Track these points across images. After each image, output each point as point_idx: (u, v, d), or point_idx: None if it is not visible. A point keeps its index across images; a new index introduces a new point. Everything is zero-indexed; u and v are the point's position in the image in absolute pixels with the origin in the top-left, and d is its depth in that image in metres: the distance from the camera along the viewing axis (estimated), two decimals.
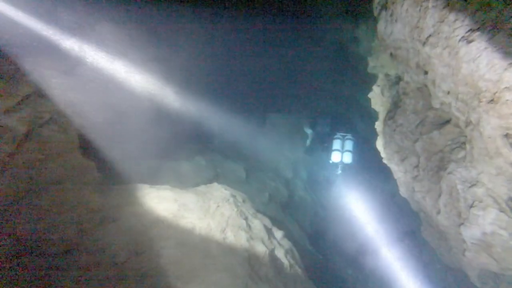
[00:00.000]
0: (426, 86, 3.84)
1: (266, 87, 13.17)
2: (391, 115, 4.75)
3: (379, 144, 5.53)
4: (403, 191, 4.79)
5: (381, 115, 5.48)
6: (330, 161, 9.50)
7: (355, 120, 12.38)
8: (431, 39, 3.14)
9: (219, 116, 13.10)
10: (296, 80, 12.81)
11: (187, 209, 5.10)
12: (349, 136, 9.67)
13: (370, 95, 6.23)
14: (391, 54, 4.40)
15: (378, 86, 5.79)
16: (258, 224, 5.54)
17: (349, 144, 9.49)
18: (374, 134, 12.43)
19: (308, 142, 12.33)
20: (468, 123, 3.06)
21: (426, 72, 3.59)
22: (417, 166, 3.87)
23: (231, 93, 12.96)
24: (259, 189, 9.91)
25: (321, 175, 12.15)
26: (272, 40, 11.93)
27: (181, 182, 8.46)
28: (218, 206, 5.31)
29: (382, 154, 5.33)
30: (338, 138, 9.66)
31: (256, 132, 12.50)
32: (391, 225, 9.89)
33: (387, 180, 10.88)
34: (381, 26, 4.28)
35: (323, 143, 10.42)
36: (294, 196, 11.12)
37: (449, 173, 3.31)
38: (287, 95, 12.92)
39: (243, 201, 6.46)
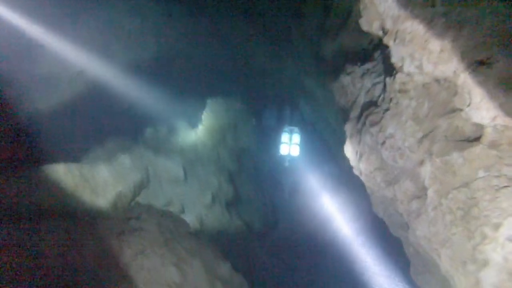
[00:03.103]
0: (439, 81, 2.39)
1: (206, 68, 11.00)
2: (372, 119, 3.26)
3: (348, 151, 4.07)
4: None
5: (352, 113, 4.00)
6: (278, 154, 8.96)
7: (300, 105, 11.05)
8: None
9: (150, 101, 10.65)
10: (238, 62, 10.86)
11: None
12: (296, 129, 9.39)
13: (333, 86, 4.71)
14: (383, 30, 2.87)
15: (348, 74, 4.25)
16: (196, 266, 3.83)
17: (296, 137, 9.22)
18: (320, 120, 11.40)
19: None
20: None
21: None
22: (426, 211, 2.48)
23: (163, 74, 10.52)
24: (200, 190, 8.07)
25: (269, 166, 10.78)
26: (211, 18, 9.73)
27: (96, 195, 6.22)
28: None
29: (354, 166, 3.91)
30: (286, 132, 9.35)
31: (194, 119, 10.42)
32: (343, 207, 9.16)
33: (333, 163, 10.04)
34: None
35: (270, 136, 9.99)
36: (241, 192, 9.55)
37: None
38: (229, 78, 10.94)
39: (174, 229, 4.60)
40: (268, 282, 6.51)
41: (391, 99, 3.01)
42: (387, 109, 3.11)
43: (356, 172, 4.05)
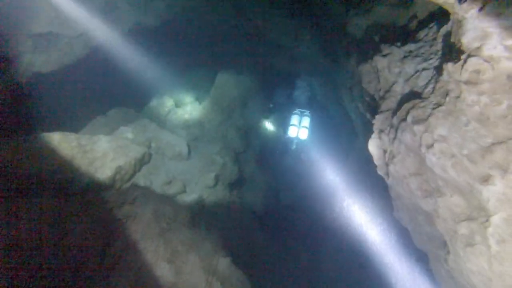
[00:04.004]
0: None
1: (217, 39, 10.12)
2: (416, 114, 2.58)
3: (373, 146, 3.42)
4: None
5: (385, 104, 3.31)
6: (286, 136, 8.42)
7: (314, 86, 10.22)
8: None
9: (157, 70, 9.92)
10: (251, 34, 9.92)
11: None
12: (307, 112, 8.69)
13: (362, 67, 3.96)
14: None
15: (384, 56, 3.50)
16: (192, 261, 3.36)
17: (306, 121, 8.54)
18: (334, 103, 10.60)
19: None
20: None
21: None
22: (486, 242, 1.86)
23: (172, 43, 9.70)
24: (203, 169, 7.56)
25: (276, 147, 10.18)
26: None
27: (95, 169, 5.74)
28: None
29: (379, 165, 3.27)
30: (296, 114, 8.62)
31: (202, 93, 9.73)
32: (344, 190, 8.63)
33: (344, 152, 9.41)
34: None
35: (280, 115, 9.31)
36: (245, 171, 9.05)
37: None
38: (241, 52, 10.07)
39: (171, 218, 4.09)
40: (268, 272, 6.17)
41: (447, 92, 2.32)
42: (438, 104, 2.43)
43: (380, 172, 3.43)
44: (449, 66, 2.25)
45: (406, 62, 3.27)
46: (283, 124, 9.58)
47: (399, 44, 3.60)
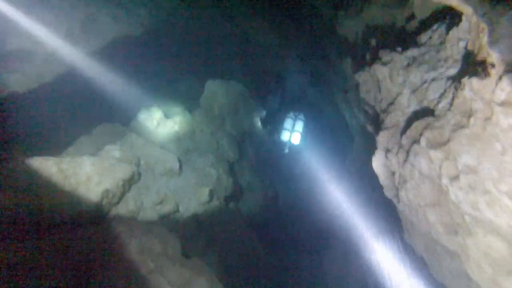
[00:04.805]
0: None
1: (204, 45, 9.61)
2: (431, 137, 2.15)
3: (378, 165, 2.98)
4: None
5: (389, 119, 2.86)
6: (279, 139, 8.42)
7: (307, 89, 9.79)
8: None
9: (143, 81, 9.38)
10: (239, 38, 9.46)
11: None
12: (301, 116, 8.51)
13: (359, 76, 3.52)
14: None
15: (384, 65, 3.05)
16: None
17: (299, 125, 8.39)
18: (329, 106, 10.18)
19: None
20: None
21: None
22: None
23: (157, 51, 9.17)
24: (197, 183, 7.06)
25: (271, 152, 9.76)
26: None
27: (78, 196, 5.22)
28: None
29: (386, 186, 2.84)
30: (290, 118, 8.48)
31: (191, 103, 9.21)
32: (345, 199, 8.25)
33: (338, 153, 9.02)
34: None
35: (272, 121, 9.02)
36: (241, 182, 8.59)
37: None
38: (229, 57, 9.58)
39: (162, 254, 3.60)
40: None
41: (470, 112, 1.89)
42: (458, 125, 2.00)
43: (388, 195, 3.00)
44: (473, 82, 1.81)
45: (410, 70, 2.84)
46: (276, 128, 9.23)
47: (399, 49, 3.15)
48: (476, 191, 1.79)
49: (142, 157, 6.94)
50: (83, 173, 5.57)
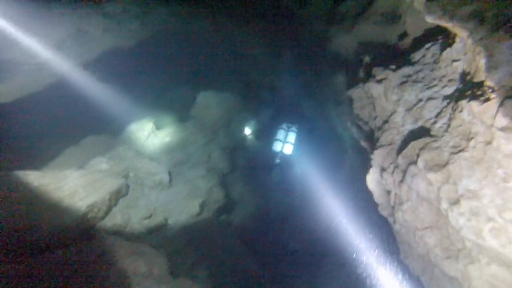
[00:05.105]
0: None
1: (197, 57, 9.53)
2: (429, 158, 2.07)
3: (372, 182, 2.90)
4: None
5: (384, 137, 2.80)
6: (271, 150, 8.27)
7: (300, 100, 9.77)
8: None
9: (134, 92, 9.19)
10: (232, 51, 9.43)
11: None
12: (294, 128, 8.49)
13: (352, 92, 3.47)
14: None
15: (378, 82, 3.00)
16: None
17: (292, 136, 8.34)
18: (319, 115, 10.19)
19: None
20: None
21: None
22: None
23: (149, 62, 9.03)
24: (188, 196, 6.86)
25: (263, 163, 9.64)
26: (204, 3, 8.18)
27: (61, 211, 4.95)
28: None
29: (381, 204, 2.74)
30: (283, 129, 8.37)
31: (183, 114, 9.06)
32: (339, 212, 8.13)
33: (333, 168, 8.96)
34: None
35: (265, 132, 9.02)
36: (233, 194, 8.40)
37: None
38: (222, 69, 9.52)
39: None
40: None
41: (469, 134, 1.83)
42: (457, 148, 1.93)
43: (383, 213, 2.91)
44: (473, 106, 1.75)
45: (405, 89, 2.79)
46: (269, 138, 9.18)
47: (393, 67, 3.12)
48: (479, 217, 1.71)
49: (131, 169, 6.71)
50: (67, 187, 5.32)
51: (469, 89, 1.90)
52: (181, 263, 5.87)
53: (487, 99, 1.65)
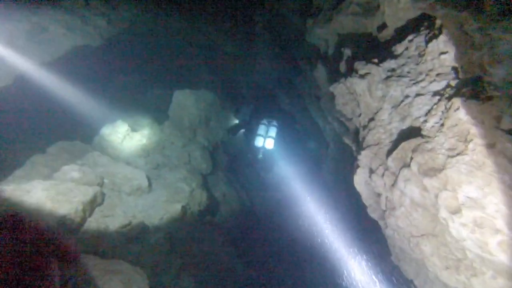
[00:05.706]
0: None
1: (170, 54, 8.99)
2: (423, 162, 1.86)
3: (360, 184, 2.69)
4: None
5: (371, 136, 2.58)
6: (253, 145, 8.12)
7: (278, 95, 9.50)
8: None
9: (106, 94, 8.55)
10: (206, 48, 8.97)
11: None
12: (274, 122, 8.37)
13: (334, 88, 3.22)
14: None
15: (362, 78, 2.76)
16: None
17: (272, 131, 8.21)
18: (298, 109, 10.00)
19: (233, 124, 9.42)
20: None
21: None
22: None
23: (120, 62, 8.41)
24: (168, 201, 6.45)
25: (245, 159, 9.36)
26: None
27: None
28: None
29: (370, 206, 2.54)
30: (264, 124, 8.25)
31: (159, 114, 8.55)
32: (322, 209, 8.05)
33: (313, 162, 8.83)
34: None
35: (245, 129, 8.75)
36: (216, 194, 8.07)
37: None
38: (197, 66, 9.05)
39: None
40: None
41: (467, 135, 1.62)
42: (454, 149, 1.72)
43: (373, 215, 2.71)
44: (471, 105, 1.54)
45: (390, 84, 2.57)
46: (250, 134, 8.92)
47: (376, 60, 2.90)
48: (484, 229, 1.52)
49: (107, 176, 6.20)
50: (32, 200, 4.78)
51: (464, 85, 1.69)
52: (164, 273, 5.53)
53: (489, 97, 1.44)
